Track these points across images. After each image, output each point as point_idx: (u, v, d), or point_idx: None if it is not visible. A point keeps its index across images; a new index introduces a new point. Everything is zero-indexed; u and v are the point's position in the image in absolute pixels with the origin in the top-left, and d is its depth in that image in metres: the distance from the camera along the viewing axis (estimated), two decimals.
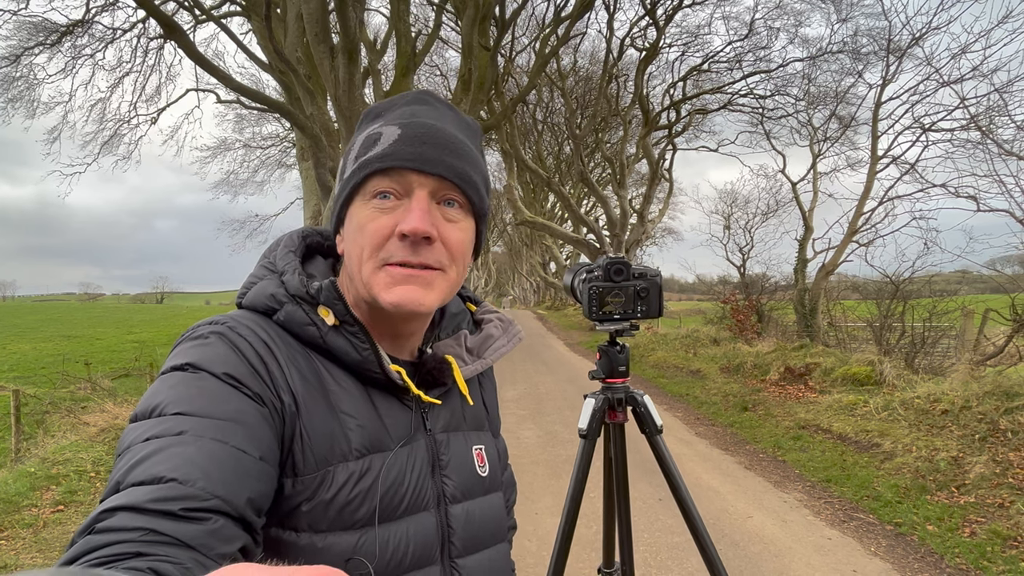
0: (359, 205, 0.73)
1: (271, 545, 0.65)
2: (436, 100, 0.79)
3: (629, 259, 1.32)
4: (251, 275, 0.78)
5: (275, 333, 0.71)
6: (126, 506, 0.49)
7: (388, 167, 0.70)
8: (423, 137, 0.72)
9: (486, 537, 0.81)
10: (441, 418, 0.80)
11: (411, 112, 0.75)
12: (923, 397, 6.12)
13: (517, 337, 0.90)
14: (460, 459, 0.80)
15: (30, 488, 4.61)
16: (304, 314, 0.72)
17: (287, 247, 0.79)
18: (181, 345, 0.68)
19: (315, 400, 0.69)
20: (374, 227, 0.71)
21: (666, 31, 17.31)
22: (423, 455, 0.76)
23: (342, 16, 7.38)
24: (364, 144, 0.74)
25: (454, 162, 0.72)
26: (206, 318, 0.71)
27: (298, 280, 0.73)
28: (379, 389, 0.75)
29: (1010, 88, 9.45)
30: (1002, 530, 3.80)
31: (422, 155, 0.70)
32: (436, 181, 0.71)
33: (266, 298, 0.73)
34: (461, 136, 0.76)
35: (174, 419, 0.57)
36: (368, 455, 0.70)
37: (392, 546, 0.69)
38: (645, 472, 4.83)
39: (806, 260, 15.08)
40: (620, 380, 1.41)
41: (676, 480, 1.35)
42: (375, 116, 0.78)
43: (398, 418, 0.75)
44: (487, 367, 0.87)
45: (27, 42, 12.33)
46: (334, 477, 0.67)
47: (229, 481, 0.54)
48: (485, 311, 0.93)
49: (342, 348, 0.71)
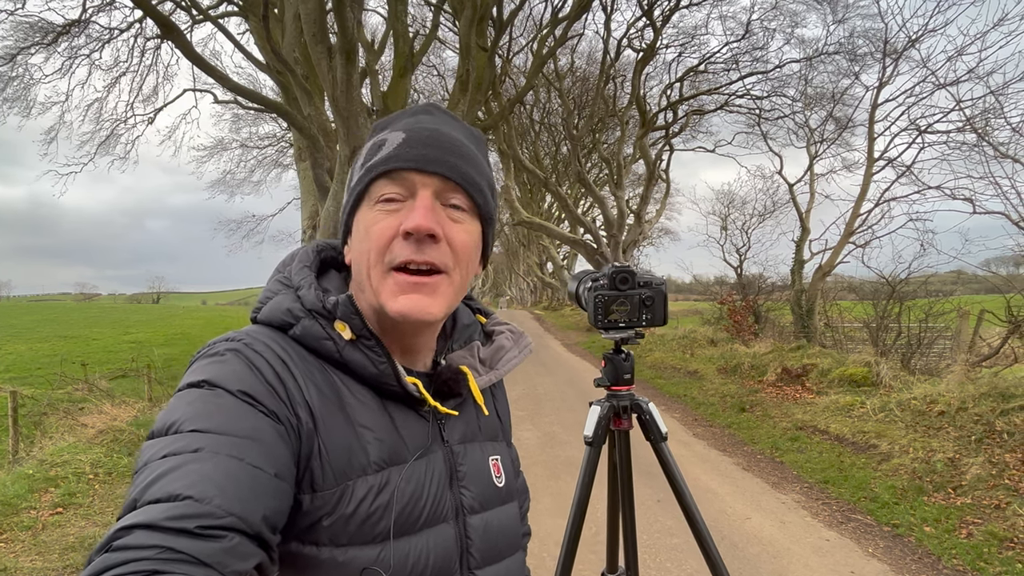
0: (365, 210, 0.74)
1: (292, 560, 0.66)
2: (441, 111, 0.80)
3: (626, 260, 1.33)
4: (266, 290, 0.78)
5: (291, 348, 0.71)
6: (143, 524, 0.49)
7: (392, 169, 0.72)
8: (426, 140, 0.73)
9: (504, 547, 0.82)
10: (457, 429, 0.81)
11: (416, 120, 0.77)
12: (919, 398, 6.15)
13: (528, 349, 0.90)
14: (477, 470, 0.81)
15: (28, 490, 4.59)
16: (321, 329, 0.72)
17: (302, 262, 0.79)
18: (198, 362, 0.68)
19: (333, 415, 0.69)
20: (379, 229, 0.71)
21: (663, 32, 17.36)
22: (441, 467, 0.76)
23: (340, 16, 7.37)
24: (369, 151, 0.75)
25: (457, 163, 0.73)
26: (222, 335, 0.72)
27: (314, 295, 0.73)
28: (396, 401, 0.75)
29: (1006, 90, 9.52)
30: (998, 531, 3.83)
31: (425, 156, 0.72)
32: (440, 181, 0.72)
33: (282, 313, 0.73)
34: (465, 141, 0.77)
35: (190, 436, 0.58)
36: (387, 468, 0.70)
37: (412, 559, 0.69)
38: (643, 474, 4.81)
39: (803, 261, 15.11)
40: (625, 388, 1.43)
41: (681, 487, 1.37)
42: (382, 128, 0.79)
43: (415, 430, 0.75)
44: (500, 378, 0.87)
45: (23, 42, 12.28)
46: (353, 491, 0.67)
47: (245, 498, 0.55)
48: (496, 323, 0.93)
49: (359, 362, 0.72)
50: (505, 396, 0.98)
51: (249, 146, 22.00)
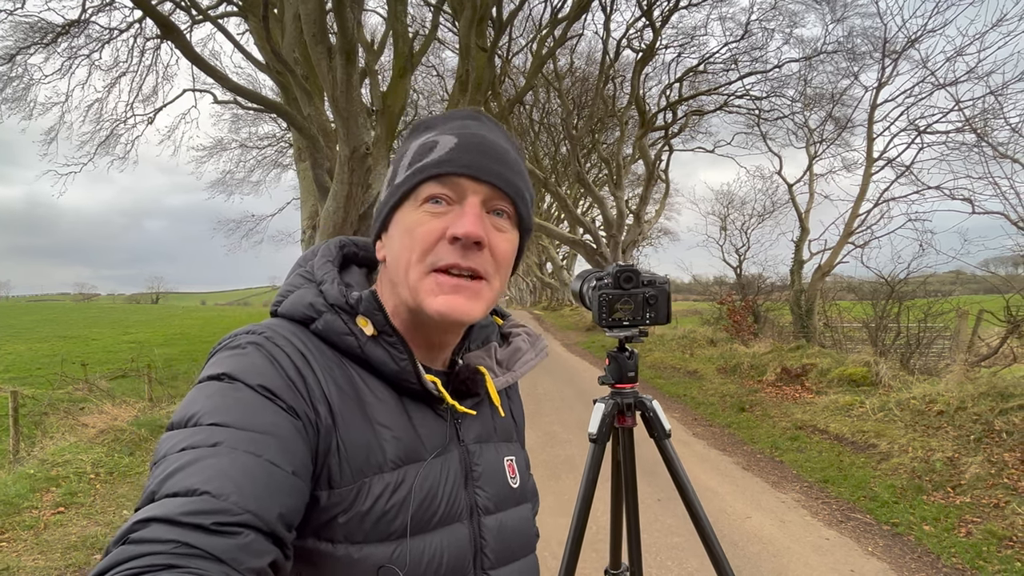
0: (409, 209, 0.73)
1: (308, 556, 0.66)
2: (487, 117, 0.80)
3: (626, 260, 1.35)
4: (287, 283, 0.78)
5: (311, 343, 0.71)
6: (159, 518, 0.50)
7: (444, 173, 0.71)
8: (479, 147, 0.73)
9: (517, 548, 0.82)
10: (474, 429, 0.81)
11: (464, 125, 0.77)
12: (919, 398, 6.17)
13: (544, 352, 0.90)
14: (492, 470, 0.81)
15: (30, 490, 4.60)
16: (343, 324, 0.72)
17: (324, 256, 0.79)
18: (218, 354, 0.69)
19: (351, 411, 0.69)
20: (424, 230, 0.71)
21: (662, 32, 17.40)
22: (456, 466, 0.76)
23: (340, 17, 7.38)
24: (419, 151, 0.74)
25: (507, 173, 0.73)
26: (244, 327, 0.72)
27: (337, 290, 0.74)
28: (414, 399, 0.75)
29: (1005, 91, 9.53)
30: (997, 530, 3.85)
31: (478, 163, 0.72)
32: (489, 190, 0.72)
33: (304, 307, 0.73)
34: (511, 150, 0.77)
35: (209, 430, 0.58)
36: (403, 466, 0.71)
37: (427, 557, 0.70)
38: (645, 473, 4.82)
39: (802, 261, 15.15)
40: (629, 385, 1.44)
41: (684, 484, 1.38)
42: (427, 128, 0.78)
43: (432, 428, 0.75)
44: (516, 380, 0.87)
45: (23, 42, 12.28)
46: (370, 489, 0.67)
47: (261, 496, 0.55)
48: (512, 324, 0.93)
49: (380, 358, 0.72)
50: (520, 398, 0.98)
51: (249, 146, 22.02)
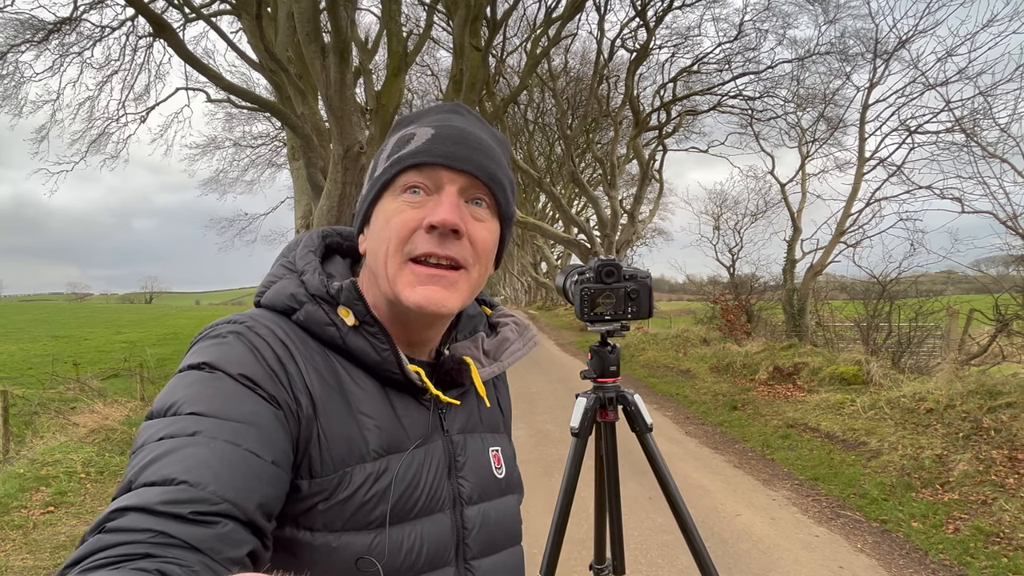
0: (388, 200, 0.74)
1: (286, 545, 0.65)
2: (468, 111, 0.81)
3: (620, 259, 1.35)
4: (269, 274, 0.78)
5: (294, 333, 0.71)
6: (137, 507, 0.49)
7: (420, 163, 0.72)
8: (455, 138, 0.73)
9: (501, 539, 0.81)
10: (458, 419, 0.80)
11: (443, 118, 0.77)
12: (909, 396, 6.21)
13: (533, 341, 0.90)
14: (477, 460, 0.81)
15: (19, 489, 4.57)
16: (324, 314, 0.72)
17: (307, 247, 0.79)
18: (199, 343, 0.68)
19: (333, 401, 0.69)
20: (401, 220, 0.71)
21: (656, 32, 17.43)
22: (440, 456, 0.76)
23: (333, 15, 7.36)
24: (397, 144, 0.75)
25: (484, 162, 0.74)
26: (225, 316, 0.71)
27: (318, 280, 0.73)
28: (397, 389, 0.75)
29: (994, 91, 9.61)
30: (985, 526, 3.88)
31: (454, 153, 0.72)
32: (466, 179, 0.73)
33: (286, 297, 0.73)
34: (490, 142, 0.78)
35: (188, 419, 0.58)
36: (385, 456, 0.70)
37: (406, 547, 0.69)
38: (635, 472, 4.86)
39: (795, 260, 15.22)
40: (611, 380, 1.45)
41: (665, 476, 1.39)
42: (408, 122, 0.80)
43: (416, 419, 0.75)
44: (503, 370, 0.87)
45: (14, 39, 12.19)
46: (351, 478, 0.67)
47: (240, 485, 0.54)
48: (501, 314, 0.93)
49: (362, 349, 0.72)
50: (507, 389, 0.97)
51: (242, 145, 21.93)
